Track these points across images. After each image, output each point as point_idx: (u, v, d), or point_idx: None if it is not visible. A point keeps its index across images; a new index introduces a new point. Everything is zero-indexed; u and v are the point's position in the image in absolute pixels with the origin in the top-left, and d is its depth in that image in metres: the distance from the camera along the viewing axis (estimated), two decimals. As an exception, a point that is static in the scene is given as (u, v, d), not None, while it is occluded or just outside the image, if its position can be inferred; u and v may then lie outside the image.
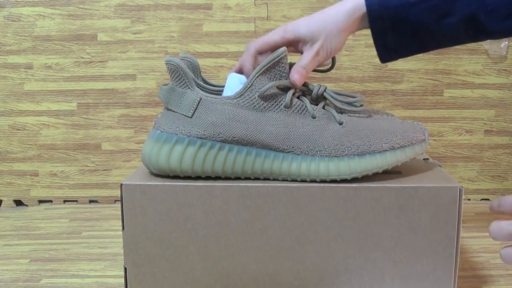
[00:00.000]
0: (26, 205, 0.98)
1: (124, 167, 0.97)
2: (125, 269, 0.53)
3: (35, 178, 0.97)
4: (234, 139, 0.50)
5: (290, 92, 0.52)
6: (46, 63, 0.94)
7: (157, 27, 0.93)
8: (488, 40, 0.93)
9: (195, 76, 0.56)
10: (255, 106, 0.50)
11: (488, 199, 0.97)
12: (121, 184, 0.51)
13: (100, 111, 0.96)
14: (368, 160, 0.50)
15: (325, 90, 0.54)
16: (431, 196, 0.50)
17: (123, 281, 0.54)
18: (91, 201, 0.98)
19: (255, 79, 0.50)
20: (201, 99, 0.50)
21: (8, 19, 0.93)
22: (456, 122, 0.94)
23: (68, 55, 0.94)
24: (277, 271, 0.52)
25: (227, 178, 0.52)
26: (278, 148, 0.50)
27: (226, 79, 0.55)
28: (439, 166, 0.58)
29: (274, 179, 0.52)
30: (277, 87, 0.52)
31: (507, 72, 0.94)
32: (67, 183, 0.97)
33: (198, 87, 0.53)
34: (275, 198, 0.51)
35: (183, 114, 0.50)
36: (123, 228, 0.52)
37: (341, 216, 0.51)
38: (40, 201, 0.99)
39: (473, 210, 0.91)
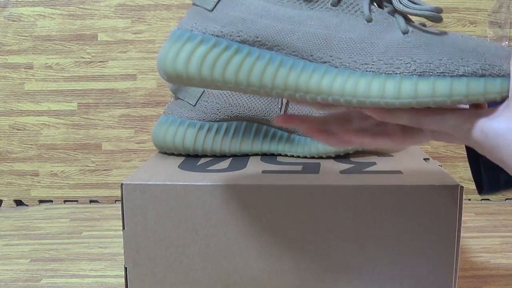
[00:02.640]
0: (26, 205, 0.98)
1: (124, 167, 0.97)
2: (126, 269, 0.53)
3: (36, 178, 0.97)
4: (257, 39, 0.39)
5: None
6: (46, 63, 0.94)
7: (158, 27, 0.93)
8: (488, 40, 0.93)
9: None
10: (294, 2, 0.40)
11: (488, 199, 0.97)
12: (122, 184, 0.51)
13: (100, 111, 0.96)
14: (432, 84, 0.36)
15: None
16: (432, 195, 0.50)
17: (123, 281, 0.54)
18: (91, 201, 0.98)
19: None
20: None
21: (8, 19, 0.93)
22: (456, 122, 0.94)
23: (69, 55, 0.94)
24: (277, 271, 0.52)
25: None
26: (311, 56, 0.39)
27: None
28: (439, 165, 0.58)
29: (300, 99, 0.40)
30: None
31: (508, 72, 0.94)
32: (68, 183, 0.97)
33: None
34: (275, 197, 0.50)
35: (204, 7, 0.41)
36: (123, 228, 0.52)
37: (341, 215, 0.51)
38: (41, 201, 0.99)
39: (473, 210, 0.90)
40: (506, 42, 0.92)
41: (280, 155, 0.62)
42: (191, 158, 0.61)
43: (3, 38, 0.94)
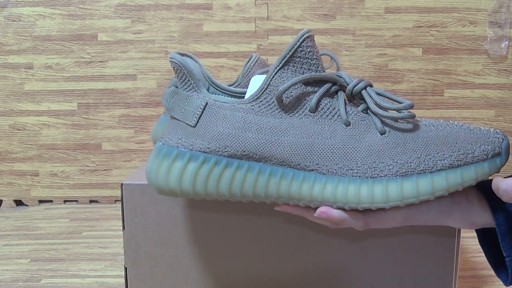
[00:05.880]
0: (26, 205, 0.98)
1: (124, 167, 0.97)
2: (125, 268, 0.53)
3: (36, 178, 0.97)
4: (245, 153, 0.40)
5: (321, 90, 0.41)
6: (46, 63, 0.94)
7: (158, 27, 0.93)
8: (488, 40, 0.93)
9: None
10: (273, 111, 0.41)
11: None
12: (122, 184, 0.51)
13: (100, 111, 0.96)
14: (415, 183, 0.39)
15: (365, 88, 0.41)
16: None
17: (123, 281, 0.54)
18: (91, 201, 0.98)
19: (274, 76, 0.41)
20: (207, 103, 0.41)
21: (8, 19, 0.93)
22: (456, 122, 0.94)
23: (69, 55, 0.94)
24: (277, 271, 0.52)
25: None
26: (299, 165, 0.40)
27: (249, 82, 0.46)
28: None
29: (293, 205, 0.41)
30: (304, 84, 0.41)
31: (507, 72, 0.94)
32: (67, 183, 0.97)
33: (214, 87, 0.45)
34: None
35: (186, 123, 0.42)
36: (123, 228, 0.52)
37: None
38: (41, 201, 0.99)
39: (474, 210, 0.90)
40: (506, 42, 0.92)
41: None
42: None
43: (3, 38, 0.94)
